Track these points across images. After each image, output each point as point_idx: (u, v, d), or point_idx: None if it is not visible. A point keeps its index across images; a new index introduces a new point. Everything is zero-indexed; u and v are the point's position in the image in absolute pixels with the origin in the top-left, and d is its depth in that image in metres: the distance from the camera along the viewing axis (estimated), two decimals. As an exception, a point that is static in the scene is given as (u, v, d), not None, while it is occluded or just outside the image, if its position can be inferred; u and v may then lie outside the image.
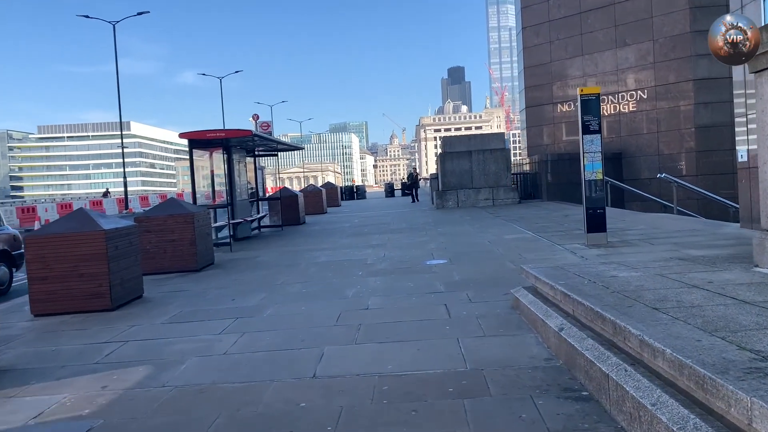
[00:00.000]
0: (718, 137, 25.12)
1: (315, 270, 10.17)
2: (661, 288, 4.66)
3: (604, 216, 10.79)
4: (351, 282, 8.77)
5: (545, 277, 5.52)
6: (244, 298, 8.19)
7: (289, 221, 20.42)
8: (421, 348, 5.20)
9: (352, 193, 44.95)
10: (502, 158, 24.01)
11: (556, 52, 29.61)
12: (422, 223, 18.00)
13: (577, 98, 10.90)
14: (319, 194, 27.28)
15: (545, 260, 9.40)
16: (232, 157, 16.53)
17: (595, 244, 10.62)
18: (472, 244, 12.16)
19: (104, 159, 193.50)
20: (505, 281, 7.98)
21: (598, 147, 10.81)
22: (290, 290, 8.50)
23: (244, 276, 10.16)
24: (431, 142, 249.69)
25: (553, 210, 19.30)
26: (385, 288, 8.13)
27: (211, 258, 11.90)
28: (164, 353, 5.68)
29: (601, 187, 10.80)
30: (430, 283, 8.27)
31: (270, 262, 11.74)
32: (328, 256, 11.81)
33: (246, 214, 17.18)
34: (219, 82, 61.98)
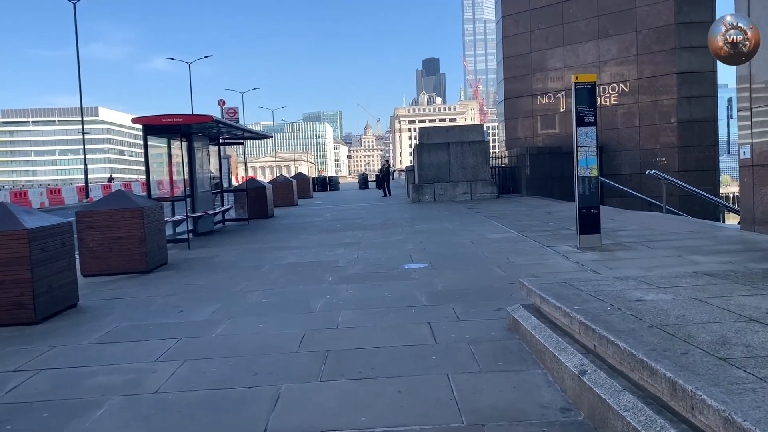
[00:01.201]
0: (701, 133, 24.57)
1: (279, 274, 9.05)
2: (710, 321, 3.67)
3: (598, 216, 9.86)
4: (319, 290, 7.68)
5: (554, 299, 4.50)
6: (193, 309, 7.04)
7: (256, 214, 19.19)
8: (404, 389, 4.15)
9: (324, 185, 43.72)
10: (480, 151, 23.06)
11: (536, 42, 28.73)
12: (398, 218, 16.95)
13: (572, 87, 9.95)
14: (290, 185, 26.04)
15: (537, 266, 8.42)
16: (192, 145, 15.25)
17: (589, 247, 9.70)
18: (453, 244, 11.15)
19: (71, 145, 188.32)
20: (496, 293, 6.97)
21: (593, 140, 9.87)
22: (249, 300, 7.37)
23: (199, 280, 9.00)
24: (405, 133, 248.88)
25: (534, 206, 18.41)
26: (358, 299, 7.05)
27: (164, 257, 10.69)
28: (80, 389, 4.53)
29: (595, 184, 9.87)
30: (409, 292, 7.22)
31: (230, 262, 10.58)
32: (296, 257, 10.70)
33: (208, 206, 15.93)
34: (188, 67, 59.98)
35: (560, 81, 27.97)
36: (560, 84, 27.99)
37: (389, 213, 19.09)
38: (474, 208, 18.49)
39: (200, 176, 15.71)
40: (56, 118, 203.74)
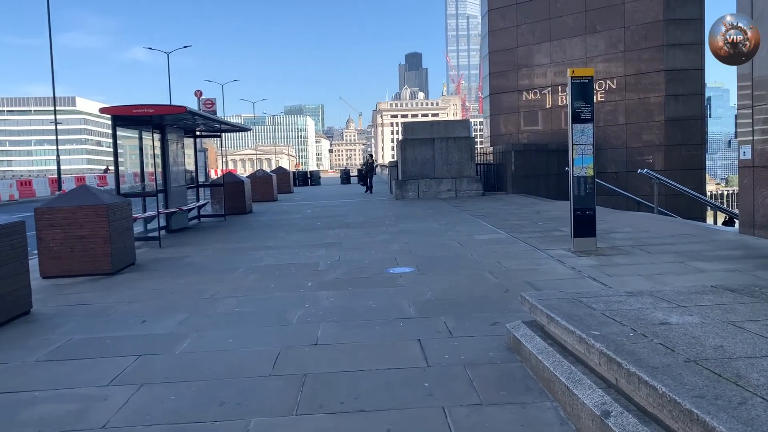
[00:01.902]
0: (688, 131, 24.29)
1: (255, 278, 8.40)
2: (756, 355, 3.13)
3: (594, 219, 9.36)
4: (297, 298, 7.06)
5: (565, 321, 3.94)
6: (158, 319, 6.38)
7: (233, 210, 18.48)
8: (394, 427, 3.56)
9: (305, 179, 42.95)
10: (466, 147, 22.53)
11: (522, 36, 28.26)
12: (381, 216, 16.35)
13: (567, 81, 9.41)
14: (269, 180, 25.29)
15: (531, 272, 7.88)
16: (166, 137, 14.51)
17: (583, 251, 9.19)
18: (441, 246, 10.58)
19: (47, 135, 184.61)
20: (490, 303, 6.41)
21: (589, 138, 9.35)
22: (219, 308, 6.72)
23: (168, 284, 8.32)
24: (388, 128, 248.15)
25: (521, 205, 17.92)
26: (339, 309, 6.44)
27: (132, 257, 9.98)
28: (14, 424, 3.88)
29: (591, 184, 9.35)
30: (396, 302, 6.62)
31: (202, 263, 9.90)
32: (273, 258, 10.05)
33: (182, 202, 15.19)
34: (167, 57, 58.71)
35: (547, 77, 27.55)
36: (547, 80, 27.57)
37: (372, 210, 18.48)
38: (459, 206, 17.95)
39: (174, 170, 14.97)
40: (32, 107, 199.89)
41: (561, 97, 27.20)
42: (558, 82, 27.18)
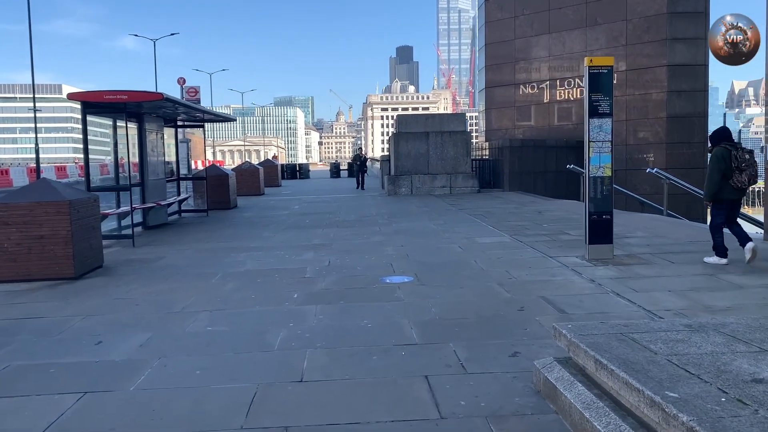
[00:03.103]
0: (691, 129, 23.50)
1: (234, 287, 7.46)
2: None
3: (611, 224, 8.49)
4: (281, 314, 6.13)
5: (624, 371, 3.05)
6: (116, 339, 5.44)
7: (217, 205, 17.47)
8: None
9: (294, 172, 41.87)
10: (461, 142, 21.62)
11: (520, 28, 27.34)
12: (374, 214, 15.42)
13: (585, 71, 8.51)
14: (256, 173, 24.26)
15: (545, 285, 7.00)
16: (144, 126, 13.48)
17: (599, 259, 8.32)
18: (440, 250, 9.68)
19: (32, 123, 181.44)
20: (504, 324, 5.52)
21: (608, 134, 8.47)
22: (190, 326, 5.78)
23: (135, 292, 7.36)
24: (378, 121, 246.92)
25: (521, 203, 17.06)
26: (329, 330, 5.52)
27: (99, 259, 9.00)
28: None
29: (609, 186, 8.48)
30: (395, 321, 5.71)
31: (178, 267, 8.93)
32: (256, 262, 9.10)
33: (161, 196, 14.18)
34: (153, 44, 57.28)
35: (545, 71, 26.68)
36: (545, 74, 26.69)
37: (364, 207, 17.55)
38: (456, 204, 17.06)
39: (153, 161, 13.95)
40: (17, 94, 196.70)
41: (559, 92, 26.36)
42: (556, 77, 26.33)
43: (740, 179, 7.55)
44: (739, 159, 7.53)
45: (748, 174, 7.54)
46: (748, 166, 7.54)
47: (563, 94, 26.31)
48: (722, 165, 7.58)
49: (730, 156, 7.57)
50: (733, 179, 7.58)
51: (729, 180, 7.60)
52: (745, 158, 7.54)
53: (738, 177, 7.55)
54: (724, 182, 7.63)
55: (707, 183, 7.78)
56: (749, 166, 7.55)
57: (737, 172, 7.54)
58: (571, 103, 26.08)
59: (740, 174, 7.54)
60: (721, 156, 7.61)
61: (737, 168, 7.53)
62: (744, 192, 7.82)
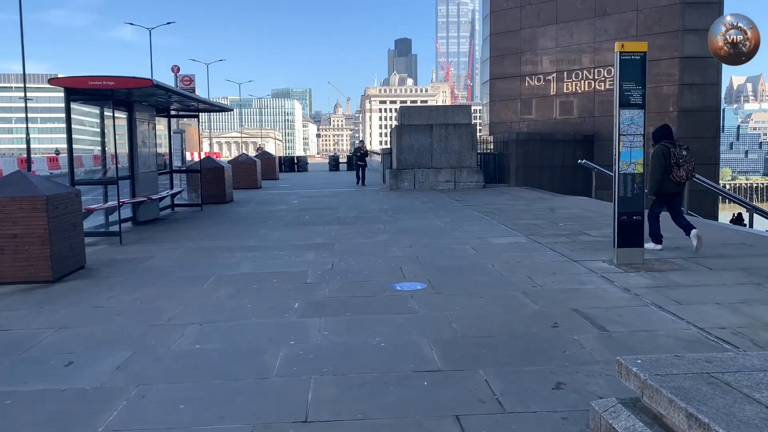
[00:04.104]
0: (703, 123, 22.80)
1: (227, 293, 6.71)
2: None
3: (642, 225, 7.76)
4: (280, 328, 5.39)
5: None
6: (89, 359, 4.70)
7: (212, 199, 16.71)
8: None
9: (292, 165, 41.02)
10: (466, 135, 20.83)
11: (526, 18, 26.55)
12: (377, 210, 14.66)
13: (615, 58, 7.76)
14: (253, 166, 23.45)
15: (575, 295, 6.27)
16: (134, 115, 12.69)
17: (629, 264, 7.60)
18: (451, 251, 8.93)
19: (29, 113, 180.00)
20: (538, 344, 4.79)
21: (640, 127, 7.74)
22: (175, 343, 5.03)
23: (117, 299, 6.61)
24: (376, 113, 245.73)
25: (530, 200, 16.32)
26: (336, 349, 4.79)
27: (81, 260, 8.24)
28: None
29: (640, 184, 7.75)
30: (411, 340, 4.98)
31: (166, 268, 8.18)
32: (252, 263, 8.35)
33: (152, 189, 13.39)
34: (149, 33, 56.20)
35: (552, 62, 25.89)
36: (551, 66, 25.91)
37: (365, 202, 16.79)
38: (462, 200, 16.31)
39: (143, 153, 13.16)
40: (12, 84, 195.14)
41: (566, 85, 25.61)
42: (563, 69, 25.56)
43: (679, 174, 8.24)
44: (677, 155, 8.22)
45: (685, 169, 8.22)
46: (685, 161, 8.22)
47: (570, 86, 25.56)
48: (663, 161, 8.26)
49: (670, 153, 8.24)
50: (673, 174, 8.25)
51: (669, 175, 8.26)
52: (682, 155, 8.23)
53: (677, 172, 8.24)
54: (665, 177, 8.29)
55: (650, 179, 8.33)
56: (687, 161, 8.22)
57: (676, 167, 8.23)
58: (578, 96, 25.34)
59: (679, 169, 8.22)
60: (661, 153, 8.29)
61: (676, 164, 8.22)
62: (683, 185, 8.62)
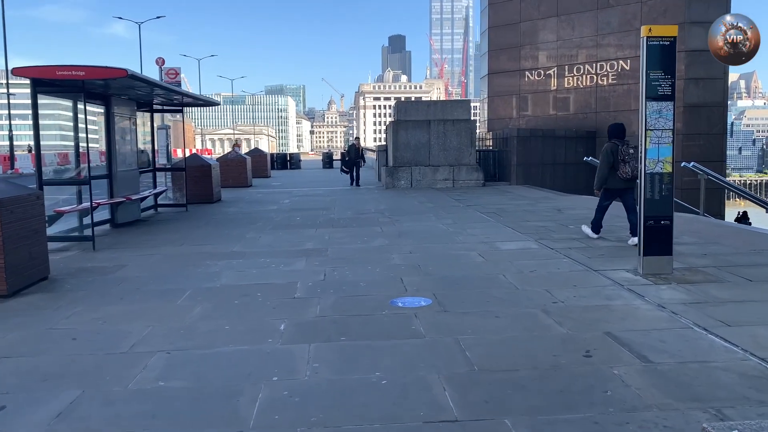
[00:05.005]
0: (709, 119, 22.02)
1: (203, 311, 5.85)
2: None
3: (671, 231, 6.95)
4: (262, 359, 4.54)
5: None
6: (29, 401, 3.84)
7: (198, 198, 15.83)
8: None
9: (285, 162, 40.08)
10: (465, 131, 19.99)
11: (526, 10, 25.70)
12: (373, 211, 13.80)
13: (641, 43, 6.96)
14: (243, 164, 22.53)
15: (602, 313, 5.45)
16: (111, 109, 11.81)
17: (657, 274, 6.79)
18: (456, 259, 8.09)
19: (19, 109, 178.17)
20: (573, 381, 3.95)
21: (668, 121, 6.92)
22: (134, 380, 4.17)
23: (76, 318, 5.74)
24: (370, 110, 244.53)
25: (534, 199, 15.50)
26: (328, 392, 3.94)
27: (44, 270, 7.36)
28: None
29: (669, 185, 6.94)
30: (419, 376, 4.14)
31: (139, 280, 7.31)
32: (235, 273, 7.49)
33: (132, 189, 12.50)
34: (138, 27, 55.09)
35: (552, 56, 25.07)
36: (552, 60, 25.09)
37: (361, 202, 15.93)
38: (462, 200, 15.48)
39: (123, 150, 12.28)
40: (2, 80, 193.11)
41: (567, 80, 24.78)
42: (565, 63, 24.74)
43: (624, 170, 8.63)
44: (623, 153, 8.62)
45: (631, 166, 8.52)
46: (631, 159, 8.54)
47: (571, 81, 24.74)
48: (610, 158, 8.71)
49: (617, 150, 8.66)
50: (619, 171, 8.67)
51: (616, 171, 8.70)
52: (629, 152, 8.59)
53: (623, 168, 8.64)
54: (612, 173, 8.77)
55: (597, 173, 8.96)
56: (633, 159, 8.51)
57: (622, 164, 8.63)
58: (579, 92, 24.54)
59: (624, 165, 8.62)
60: (609, 151, 8.73)
61: (622, 160, 8.62)
62: (632, 182, 8.67)
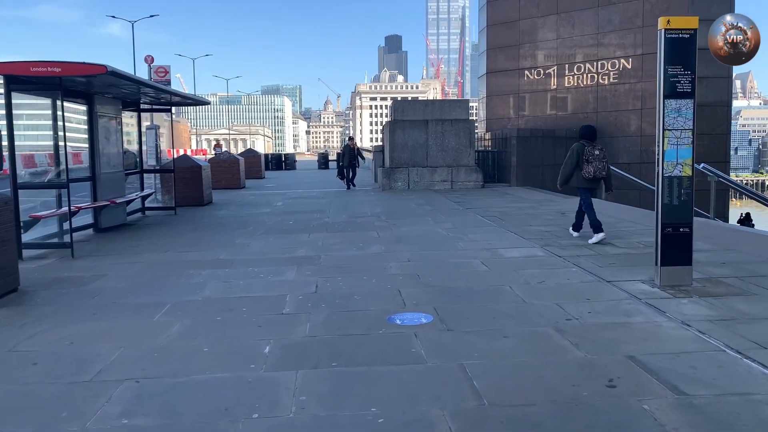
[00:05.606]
0: (713, 118, 21.57)
1: (181, 329, 5.31)
2: None
3: (690, 239, 6.45)
4: (241, 390, 4.00)
5: None
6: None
7: (187, 201, 15.27)
8: None
9: (279, 163, 39.47)
10: (464, 131, 19.47)
11: (525, 8, 25.24)
12: (369, 214, 13.27)
13: (659, 36, 6.48)
14: (236, 164, 21.95)
15: (623, 332, 4.93)
16: (94, 108, 11.26)
17: (676, 286, 6.29)
18: (458, 268, 7.57)
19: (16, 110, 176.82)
20: (597, 419, 3.43)
21: (688, 120, 6.46)
22: (93, 419, 3.63)
23: (40, 337, 5.20)
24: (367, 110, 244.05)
25: (536, 202, 14.99)
26: (315, 428, 3.41)
27: (13, 281, 6.80)
28: None
29: (689, 189, 6.44)
30: (421, 413, 3.61)
31: (115, 292, 6.76)
32: (220, 284, 6.95)
33: (117, 192, 11.94)
34: (131, 26, 54.38)
35: (552, 55, 24.58)
36: (552, 59, 24.61)
37: (356, 205, 15.40)
38: (461, 202, 14.96)
39: (107, 152, 11.73)
40: None
41: (567, 79, 24.31)
42: (565, 62, 24.27)
43: (587, 170, 8.93)
44: (588, 153, 8.94)
45: (594, 166, 8.89)
46: (595, 159, 8.91)
47: (572, 80, 24.27)
48: (575, 158, 9.04)
49: (583, 150, 8.96)
50: (583, 170, 8.98)
51: (581, 171, 8.99)
52: (594, 153, 8.94)
53: (586, 168, 8.94)
54: (577, 171, 9.07)
55: (561, 170, 9.29)
56: (596, 160, 8.91)
57: (586, 163, 8.94)
58: (580, 91, 24.07)
59: (588, 165, 8.93)
60: (575, 150, 9.07)
61: (586, 160, 8.94)
62: (595, 182, 9.15)
